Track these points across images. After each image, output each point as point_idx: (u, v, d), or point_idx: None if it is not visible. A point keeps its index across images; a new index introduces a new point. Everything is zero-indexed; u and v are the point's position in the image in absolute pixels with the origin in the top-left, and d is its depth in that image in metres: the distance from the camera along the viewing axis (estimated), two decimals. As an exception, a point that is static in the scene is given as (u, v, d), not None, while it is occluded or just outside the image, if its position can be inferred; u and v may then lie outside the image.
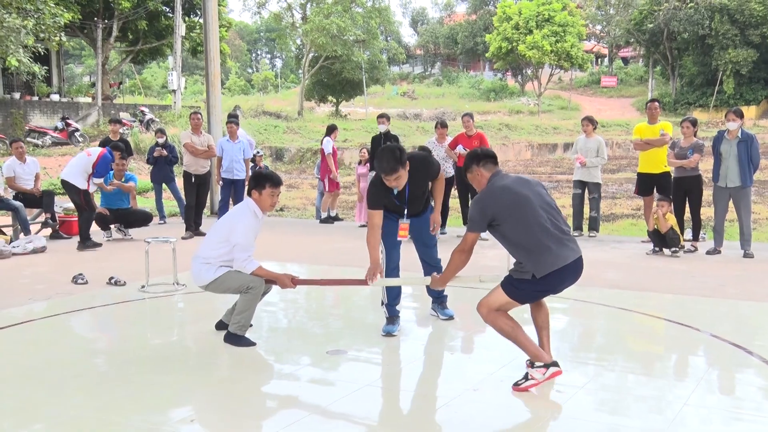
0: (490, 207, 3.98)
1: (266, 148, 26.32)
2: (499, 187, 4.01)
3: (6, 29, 16.85)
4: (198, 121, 10.23)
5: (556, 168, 26.90)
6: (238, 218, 4.95)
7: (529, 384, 4.00)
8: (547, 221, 3.94)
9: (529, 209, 3.92)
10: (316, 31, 35.23)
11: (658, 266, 7.74)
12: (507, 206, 3.94)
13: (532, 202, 3.95)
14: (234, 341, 4.90)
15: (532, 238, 3.90)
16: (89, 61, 48.90)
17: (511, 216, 3.93)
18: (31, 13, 17.83)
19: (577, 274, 4.07)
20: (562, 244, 3.95)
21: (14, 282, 6.96)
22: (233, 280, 4.91)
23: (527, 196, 3.96)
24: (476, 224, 4.03)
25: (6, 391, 4.04)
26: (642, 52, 49.98)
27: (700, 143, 8.64)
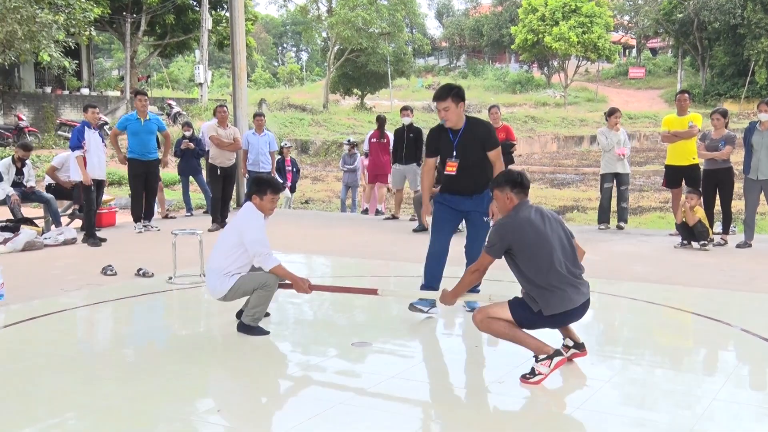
0: (511, 236, 4.01)
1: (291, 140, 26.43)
2: (525, 219, 4.02)
3: (38, 24, 17.12)
4: (224, 114, 10.30)
5: (583, 160, 26.65)
6: (247, 218, 4.96)
7: (537, 379, 3.99)
8: (563, 264, 3.98)
9: (547, 249, 3.96)
10: (342, 23, 35.26)
11: (686, 259, 7.65)
12: (528, 241, 3.98)
13: (553, 243, 3.99)
14: (247, 331, 4.96)
15: (545, 278, 3.94)
16: (118, 55, 49.46)
17: (529, 251, 3.97)
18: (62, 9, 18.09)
19: (582, 314, 4.13)
20: (573, 288, 3.99)
21: (46, 273, 7.09)
22: (248, 283, 4.93)
23: (549, 236, 3.99)
24: (494, 249, 4.08)
25: (39, 380, 4.12)
26: (671, 43, 49.28)
27: (731, 135, 8.49)
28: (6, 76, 24.56)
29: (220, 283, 4.93)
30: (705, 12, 40.31)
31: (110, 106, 26.24)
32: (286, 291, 6.28)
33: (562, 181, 19.98)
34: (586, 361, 4.39)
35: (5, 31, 16.72)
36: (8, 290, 5.92)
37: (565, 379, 4.05)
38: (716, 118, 8.55)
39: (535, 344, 4.04)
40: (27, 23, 17.00)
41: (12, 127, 21.75)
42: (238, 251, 4.90)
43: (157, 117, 9.83)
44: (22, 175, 9.57)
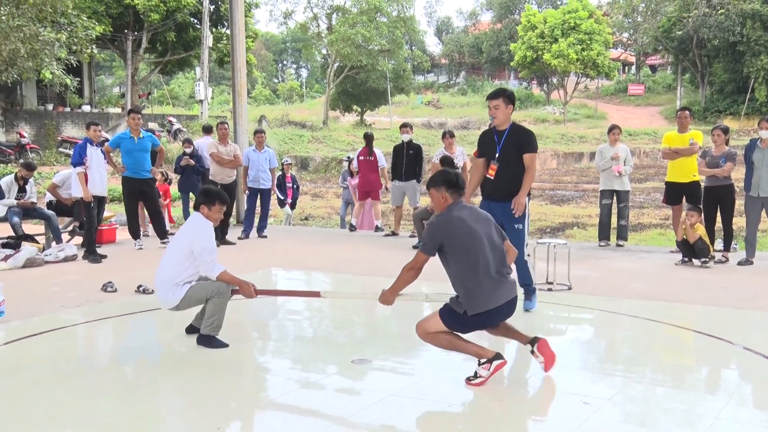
0: (443, 233, 4.15)
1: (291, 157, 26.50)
2: (457, 218, 4.17)
3: (41, 42, 17.24)
4: (225, 131, 10.34)
5: (582, 177, 26.69)
6: (198, 228, 5.09)
7: (478, 381, 4.18)
8: (491, 263, 4.13)
9: (477, 247, 4.10)
10: (342, 41, 35.50)
11: (687, 277, 7.64)
12: (459, 238, 4.11)
13: (483, 241, 4.13)
14: (207, 343, 5.01)
15: (473, 275, 4.09)
16: (119, 72, 49.72)
17: (460, 248, 4.11)
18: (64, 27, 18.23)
19: (510, 312, 4.27)
20: (499, 286, 4.13)
21: (46, 289, 7.08)
22: (199, 292, 5.02)
23: (479, 234, 4.14)
24: (427, 247, 4.21)
25: (38, 397, 4.11)
26: (670, 60, 49.47)
27: (732, 152, 8.51)
28: (8, 94, 24.68)
29: (172, 293, 5.03)
30: (704, 29, 40.53)
31: (111, 123, 26.34)
32: (287, 307, 6.27)
33: (561, 197, 20.00)
34: (586, 379, 4.38)
35: (8, 49, 16.82)
36: (9, 307, 5.91)
37: (565, 397, 4.03)
38: (717, 134, 8.56)
39: (474, 350, 4.22)
40: (30, 41, 17.11)
41: (14, 144, 21.84)
42: (188, 261, 5.01)
43: (150, 134, 9.86)
44: (24, 193, 9.59)
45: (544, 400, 3.98)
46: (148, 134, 9.74)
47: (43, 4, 16.73)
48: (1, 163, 19.83)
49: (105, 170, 9.21)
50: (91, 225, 8.82)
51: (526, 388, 4.19)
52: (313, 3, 39.74)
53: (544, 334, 5.71)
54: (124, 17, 26.50)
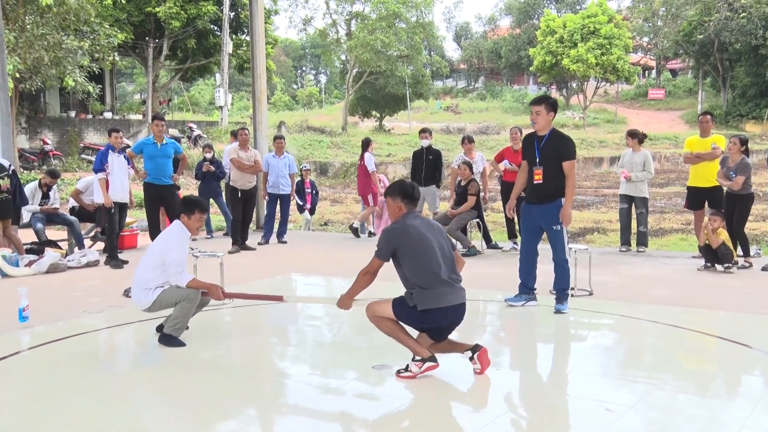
0: (396, 240, 4.39)
1: (310, 162, 26.63)
2: (411, 226, 4.41)
3: (64, 51, 17.49)
4: (245, 136, 10.40)
5: (602, 182, 26.51)
6: (170, 239, 5.34)
7: (407, 375, 4.39)
8: (442, 268, 4.34)
9: (429, 253, 4.33)
10: (361, 46, 35.60)
11: (710, 282, 7.55)
12: (411, 244, 4.35)
13: (434, 248, 4.36)
14: (167, 342, 5.24)
15: (424, 278, 4.30)
16: (140, 79, 50.25)
17: (412, 254, 4.34)
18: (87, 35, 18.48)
19: (457, 318, 4.43)
20: (449, 288, 4.33)
21: (69, 295, 7.16)
22: (171, 296, 5.26)
23: (431, 242, 4.36)
24: (382, 253, 4.45)
25: (62, 401, 4.15)
26: (691, 64, 49.09)
27: (745, 163, 8.33)
28: (32, 102, 25.04)
29: (144, 295, 5.29)
30: (726, 33, 40.14)
31: (132, 130, 26.64)
32: (306, 313, 6.30)
33: (581, 202, 19.87)
34: (608, 386, 4.35)
35: (32, 58, 17.10)
36: (32, 312, 5.98)
37: (587, 403, 4.00)
38: (733, 143, 8.38)
39: (412, 345, 4.42)
40: (53, 49, 17.38)
41: (37, 151, 22.14)
42: (160, 269, 5.26)
43: (173, 141, 9.94)
44: (47, 199, 9.73)
45: (566, 407, 3.95)
46: (171, 141, 9.83)
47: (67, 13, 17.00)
48: (24, 170, 20.10)
49: (127, 177, 9.29)
50: (112, 231, 8.91)
51: (549, 393, 4.16)
52: (332, 9, 39.94)
53: (565, 339, 5.69)
54: (146, 25, 26.81)
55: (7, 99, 9.52)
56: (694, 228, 9.74)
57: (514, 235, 9.86)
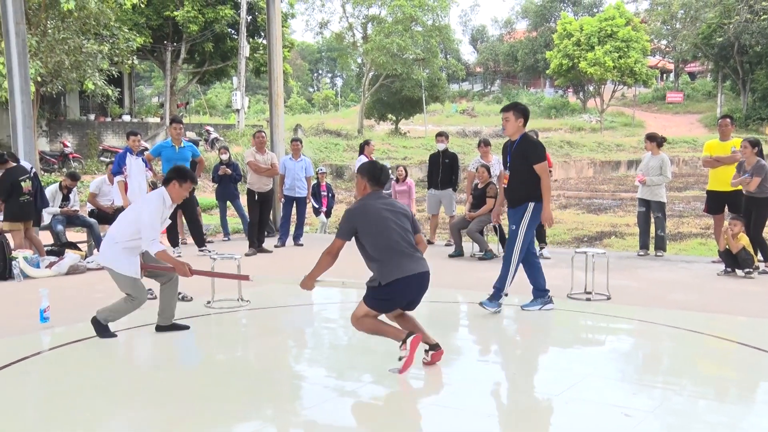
0: (355, 219, 4.59)
1: (327, 165, 26.65)
2: (371, 205, 4.63)
3: (84, 54, 17.67)
4: (262, 139, 10.45)
5: (620, 186, 26.34)
6: (148, 203, 5.44)
7: (404, 364, 4.51)
8: (401, 242, 4.54)
9: (387, 232, 4.53)
10: (377, 50, 35.63)
11: (730, 287, 7.48)
12: (370, 224, 4.55)
13: (392, 226, 4.55)
14: (96, 328, 5.50)
15: (384, 253, 4.51)
16: (158, 82, 50.65)
17: (371, 232, 4.54)
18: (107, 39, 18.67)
19: (422, 287, 4.62)
20: (408, 258, 4.52)
21: (88, 296, 7.23)
22: (124, 281, 5.43)
23: (389, 220, 4.56)
24: (342, 232, 4.65)
25: (77, 404, 4.19)
26: (710, 67, 48.66)
27: (761, 164, 8.25)
28: (53, 105, 25.31)
29: (110, 251, 5.42)
30: (746, 36, 39.73)
31: (150, 133, 26.83)
32: (322, 315, 6.31)
33: (599, 206, 19.75)
34: (627, 391, 4.32)
35: (53, 62, 17.30)
36: (53, 313, 6.05)
37: (606, 409, 3.97)
38: (744, 146, 8.27)
39: (393, 332, 4.61)
40: (74, 53, 17.58)
41: (57, 154, 22.38)
42: (133, 227, 5.36)
43: (191, 144, 10.02)
44: (67, 201, 9.83)
45: (585, 412, 3.93)
46: (189, 144, 9.90)
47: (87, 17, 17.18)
48: (45, 172, 20.32)
49: (145, 179, 9.37)
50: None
51: (567, 399, 4.14)
52: (348, 13, 40.02)
53: (582, 344, 5.66)
54: (164, 29, 27.02)
55: (29, 103, 9.64)
56: (713, 232, 9.66)
57: (530, 239, 9.81)
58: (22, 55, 9.43)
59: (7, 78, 9.66)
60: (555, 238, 12.83)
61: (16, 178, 8.58)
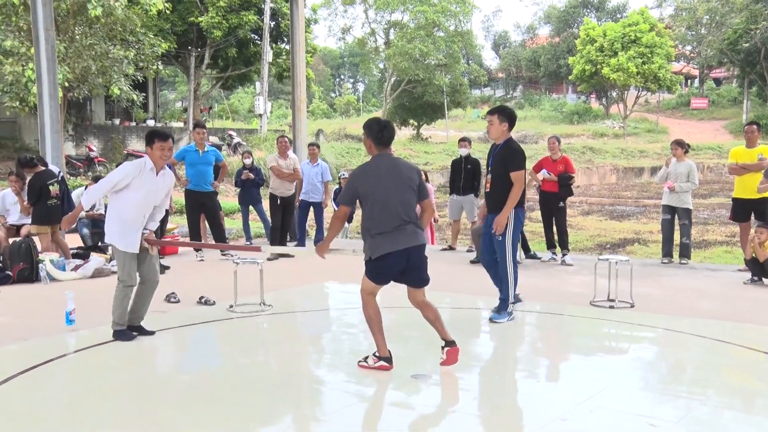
0: (356, 184, 4.56)
1: (348, 171, 26.69)
2: (373, 167, 4.57)
3: (110, 60, 17.91)
4: (285, 144, 10.50)
5: (643, 192, 26.10)
6: (121, 166, 5.61)
7: (364, 365, 4.73)
8: (396, 216, 4.48)
9: (383, 203, 4.47)
10: (399, 55, 35.70)
11: (757, 297, 7.37)
12: (368, 191, 4.49)
13: (390, 197, 4.48)
14: (117, 336, 5.56)
15: (375, 225, 4.48)
16: (181, 87, 51.16)
17: (369, 195, 4.50)
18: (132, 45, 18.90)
19: (417, 259, 4.59)
20: (399, 232, 4.48)
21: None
22: (117, 258, 5.57)
23: (388, 190, 4.48)
24: (345, 198, 4.62)
25: (104, 404, 4.24)
26: (736, 73, 48.06)
27: None
28: (79, 110, 25.66)
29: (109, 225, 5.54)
30: (772, 41, 39.25)
31: (174, 137, 27.07)
32: (343, 320, 6.31)
33: (621, 213, 19.59)
34: (652, 401, 4.27)
35: (80, 67, 17.56)
36: (78, 316, 6.13)
37: (631, 418, 3.94)
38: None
39: (378, 340, 4.68)
40: (100, 59, 17.82)
41: (83, 158, 22.67)
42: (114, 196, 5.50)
43: (214, 149, 10.09)
44: (93, 205, 9.94)
45: (609, 421, 3.90)
46: (212, 149, 9.98)
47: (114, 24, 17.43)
48: (71, 176, 20.60)
49: None
50: (154, 236, 9.07)
51: (591, 407, 4.11)
52: (371, 18, 40.18)
53: (605, 352, 5.61)
54: (188, 34, 27.30)
55: (57, 108, 9.79)
56: (739, 240, 9.53)
57: (552, 246, 9.77)
58: (51, 61, 9.59)
59: (36, 83, 9.83)
60: (577, 245, 12.75)
61: (45, 182, 8.71)
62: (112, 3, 16.98)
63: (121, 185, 5.42)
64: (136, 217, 5.46)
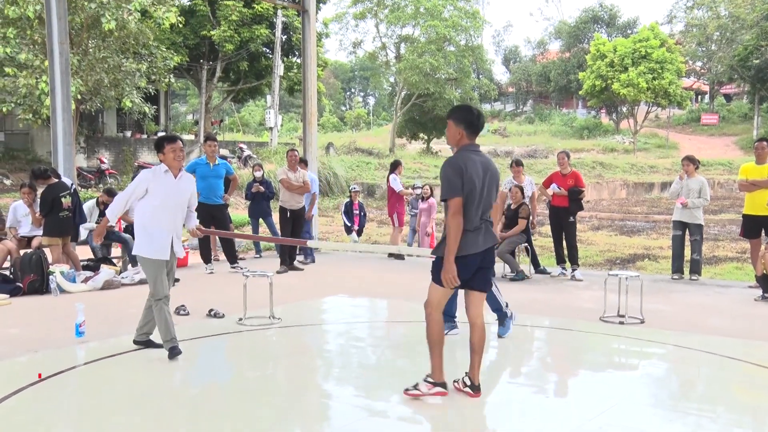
0: (459, 170, 4.19)
1: (358, 184, 26.77)
2: (471, 162, 4.24)
3: (123, 73, 18.09)
4: (295, 157, 10.55)
5: (653, 208, 26.00)
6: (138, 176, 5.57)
7: (414, 393, 4.40)
8: (480, 215, 4.25)
9: (471, 202, 4.20)
10: (410, 69, 35.85)
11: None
12: (467, 179, 4.17)
13: (478, 196, 4.23)
14: (171, 354, 5.44)
15: (466, 223, 4.17)
16: (193, 100, 51.50)
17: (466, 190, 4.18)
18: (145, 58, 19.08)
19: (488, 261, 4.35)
20: (478, 233, 4.24)
21: (123, 311, 7.34)
22: (149, 274, 5.46)
23: (477, 184, 4.22)
24: (456, 188, 4.18)
25: (111, 419, 4.24)
26: (747, 89, 47.92)
27: None
28: (91, 122, 25.90)
29: (137, 244, 5.51)
30: (783, 57, 39.16)
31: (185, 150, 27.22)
32: (352, 334, 6.31)
33: (632, 228, 19.51)
34: (661, 418, 4.25)
35: (93, 80, 17.74)
36: (88, 328, 6.16)
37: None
38: None
39: (436, 363, 4.39)
40: (113, 72, 18.01)
41: (94, 170, 22.86)
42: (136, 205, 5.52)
43: (225, 162, 10.15)
44: (104, 217, 10.00)
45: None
46: (223, 162, 10.04)
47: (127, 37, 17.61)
48: (82, 188, 20.76)
49: None
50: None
51: (600, 424, 4.09)
52: (382, 33, 40.39)
53: (615, 368, 5.59)
54: (200, 48, 27.55)
55: (70, 120, 9.88)
56: (750, 257, 9.48)
57: (562, 260, 9.75)
58: (64, 74, 9.69)
59: (49, 96, 9.92)
60: (587, 260, 12.70)
61: (57, 194, 8.77)
62: (126, 17, 17.17)
63: (139, 193, 5.41)
64: (160, 222, 5.40)
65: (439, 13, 37.17)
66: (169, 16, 18.47)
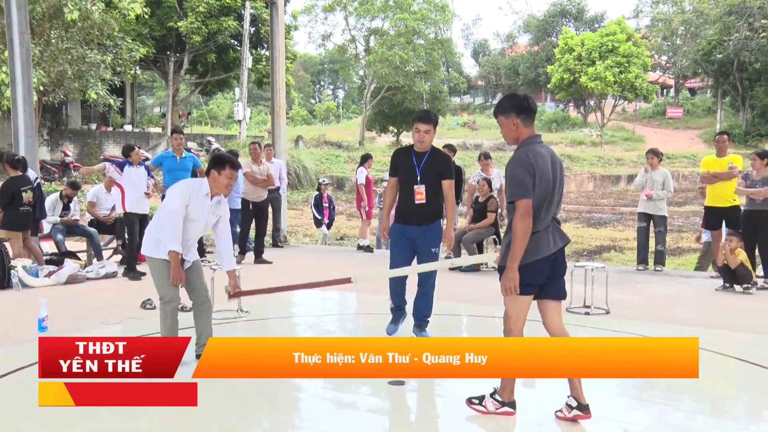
0: (531, 168, 3.67)
1: (327, 177, 26.69)
2: (543, 155, 3.73)
3: (87, 64, 17.77)
4: (257, 150, 10.47)
5: (620, 200, 26.38)
6: (179, 187, 4.93)
7: (479, 408, 4.02)
8: (552, 209, 3.81)
9: (546, 198, 3.73)
10: (379, 62, 35.83)
11: (728, 303, 7.48)
12: (544, 180, 3.69)
13: (554, 189, 3.78)
14: None
15: (536, 224, 3.72)
16: (160, 92, 50.82)
17: (537, 189, 3.69)
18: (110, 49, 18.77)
19: (560, 262, 3.93)
20: (554, 231, 3.84)
21: (88, 305, 7.23)
22: (156, 276, 4.92)
23: (551, 179, 3.75)
24: (526, 188, 3.66)
25: (81, 416, 4.18)
26: (710, 83, 48.81)
27: None
28: (54, 114, 25.40)
29: (148, 241, 4.98)
30: (745, 53, 39.91)
31: (152, 143, 26.91)
32: (321, 327, 6.29)
33: (598, 220, 19.78)
34: (625, 406, 4.31)
35: (56, 71, 17.39)
36: (51, 322, 6.05)
37: (605, 424, 3.97)
38: (752, 159, 8.44)
39: (508, 384, 3.98)
40: (77, 63, 17.67)
41: (58, 163, 22.43)
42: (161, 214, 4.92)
43: (192, 155, 10.05)
44: (68, 211, 9.84)
45: (583, 427, 3.93)
46: (189, 155, 9.93)
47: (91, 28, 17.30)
48: (45, 181, 20.37)
49: (144, 189, 9.34)
50: (132, 243, 8.98)
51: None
52: (351, 25, 40.27)
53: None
54: (167, 39, 27.19)
55: (32, 112, 9.67)
56: (712, 248, 9.68)
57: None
58: (26, 65, 9.47)
59: (10, 87, 9.71)
60: (555, 252, 12.85)
61: (18, 188, 8.59)
62: (89, 7, 16.86)
63: (183, 213, 4.83)
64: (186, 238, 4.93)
65: (408, 6, 37.19)
66: (134, 6, 18.19)
